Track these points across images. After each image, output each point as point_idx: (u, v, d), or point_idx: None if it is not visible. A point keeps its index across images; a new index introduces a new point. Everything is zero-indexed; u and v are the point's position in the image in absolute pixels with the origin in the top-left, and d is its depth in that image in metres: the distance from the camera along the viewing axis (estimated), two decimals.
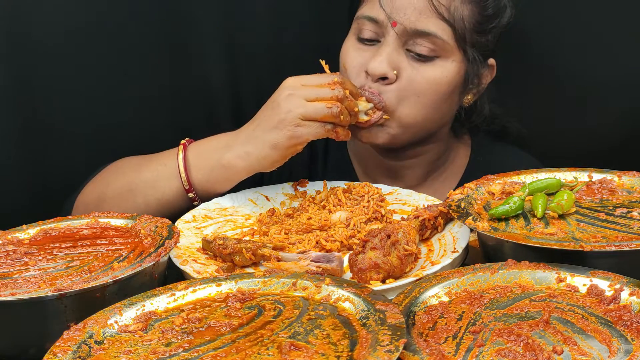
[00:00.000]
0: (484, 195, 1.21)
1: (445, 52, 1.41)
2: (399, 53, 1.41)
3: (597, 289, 0.92)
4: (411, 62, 1.41)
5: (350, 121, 1.35)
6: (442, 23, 1.39)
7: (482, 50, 1.47)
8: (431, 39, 1.40)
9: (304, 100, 1.29)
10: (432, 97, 1.43)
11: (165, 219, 1.18)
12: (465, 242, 1.15)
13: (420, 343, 0.83)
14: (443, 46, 1.41)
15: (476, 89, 1.52)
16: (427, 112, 1.44)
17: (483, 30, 1.45)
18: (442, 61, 1.42)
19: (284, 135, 1.29)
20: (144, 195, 1.37)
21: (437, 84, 1.42)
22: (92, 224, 1.20)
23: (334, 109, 1.29)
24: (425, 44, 1.40)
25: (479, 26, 1.44)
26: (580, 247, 0.97)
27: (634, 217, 1.08)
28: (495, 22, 1.47)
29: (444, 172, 1.61)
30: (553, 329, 0.84)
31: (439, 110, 1.46)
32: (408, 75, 1.41)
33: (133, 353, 0.83)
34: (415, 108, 1.43)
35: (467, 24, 1.42)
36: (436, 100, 1.44)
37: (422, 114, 1.44)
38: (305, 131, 1.29)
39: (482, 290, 0.95)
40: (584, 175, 1.24)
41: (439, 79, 1.42)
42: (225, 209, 1.36)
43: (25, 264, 1.07)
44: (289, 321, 0.88)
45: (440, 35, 1.40)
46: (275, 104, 1.31)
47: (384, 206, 1.33)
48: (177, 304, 0.94)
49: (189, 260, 1.15)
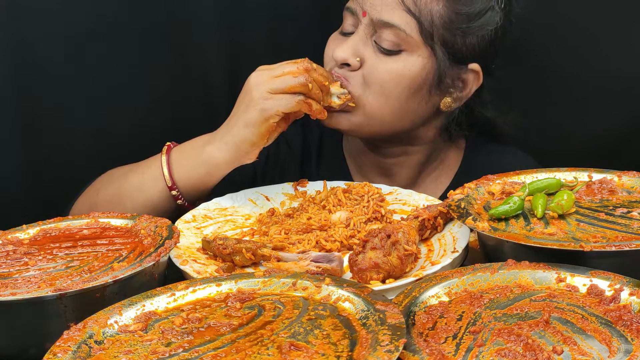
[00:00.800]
0: (484, 195, 1.21)
1: (410, 47, 1.41)
2: (366, 43, 1.43)
3: (597, 289, 0.92)
4: (377, 54, 1.42)
5: (323, 101, 1.36)
6: (408, 16, 1.40)
7: (457, 51, 1.44)
8: (395, 30, 1.40)
9: (271, 77, 1.31)
10: (395, 89, 1.43)
11: (165, 219, 1.18)
12: (465, 242, 1.15)
13: (420, 343, 0.83)
14: (407, 40, 1.40)
15: (457, 93, 1.49)
16: (393, 105, 1.44)
17: (456, 29, 1.43)
18: (407, 55, 1.42)
19: (255, 111, 1.31)
20: (131, 199, 1.39)
21: (399, 76, 1.42)
22: (92, 224, 1.20)
23: (300, 78, 1.30)
24: (390, 36, 1.41)
25: (450, 24, 1.42)
26: (580, 247, 0.97)
27: (634, 217, 1.08)
28: (473, 23, 1.43)
29: (435, 171, 1.61)
30: (553, 329, 0.84)
31: (405, 105, 1.45)
32: (371, 64, 1.42)
33: (133, 353, 0.83)
34: (379, 98, 1.43)
35: (437, 20, 1.41)
36: (400, 93, 1.43)
37: (386, 106, 1.44)
38: (275, 103, 1.30)
39: (482, 290, 0.95)
40: (584, 175, 1.24)
41: (401, 72, 1.42)
42: (225, 209, 1.36)
43: (25, 264, 1.07)
44: (289, 321, 0.88)
45: (404, 28, 1.40)
46: (244, 90, 1.34)
47: (384, 206, 1.33)
48: (177, 304, 0.94)
49: (188, 260, 1.15)
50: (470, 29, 1.44)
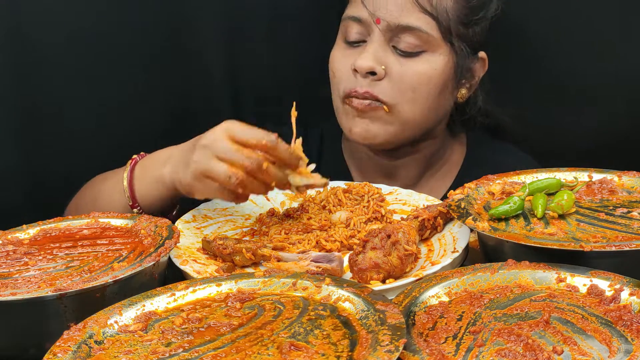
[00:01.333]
0: (484, 195, 1.20)
1: (432, 46, 1.42)
2: (385, 50, 1.42)
3: (597, 289, 0.92)
4: (398, 58, 1.42)
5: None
6: (426, 16, 1.39)
7: (470, 42, 1.46)
8: (416, 33, 1.40)
9: (214, 158, 1.19)
10: (426, 91, 1.43)
11: (166, 219, 1.18)
12: (465, 242, 1.15)
13: (420, 343, 0.83)
14: (428, 40, 1.41)
15: (469, 83, 1.52)
16: (423, 107, 1.44)
17: (469, 21, 1.44)
18: (429, 55, 1.42)
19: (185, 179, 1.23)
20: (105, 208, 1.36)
21: (429, 77, 1.42)
22: (92, 224, 1.20)
23: (232, 179, 1.17)
24: (410, 39, 1.40)
25: (464, 18, 1.43)
26: (580, 247, 0.97)
27: (634, 217, 1.08)
28: (481, 13, 1.46)
29: (440, 169, 1.61)
30: (553, 329, 0.84)
31: (435, 104, 1.46)
32: (397, 70, 1.41)
33: (133, 353, 0.83)
34: (413, 103, 1.43)
35: (452, 16, 1.42)
36: (431, 94, 1.44)
37: (419, 110, 1.44)
38: (201, 187, 1.22)
39: (482, 290, 0.95)
40: (584, 175, 1.24)
41: (429, 73, 1.42)
42: (225, 209, 1.36)
43: (25, 264, 1.07)
44: (289, 321, 0.88)
45: (425, 29, 1.40)
46: (199, 142, 1.22)
47: (384, 206, 1.33)
48: (177, 304, 0.94)
49: (189, 260, 1.15)
50: (480, 19, 1.46)
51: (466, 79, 1.50)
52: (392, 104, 1.42)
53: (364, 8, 1.42)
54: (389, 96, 1.42)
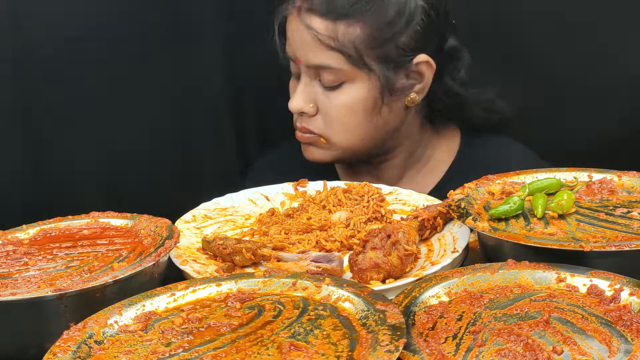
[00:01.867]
0: (484, 195, 1.20)
1: (348, 77, 1.48)
2: (313, 86, 1.50)
3: (597, 289, 0.92)
4: (324, 92, 1.50)
5: None
6: (334, 53, 1.45)
7: (394, 57, 1.47)
8: (328, 70, 1.47)
9: None
10: (354, 120, 1.50)
11: (166, 219, 1.18)
12: (465, 242, 1.15)
13: (420, 343, 0.83)
14: (343, 73, 1.47)
15: (418, 86, 1.52)
16: (357, 133, 1.52)
17: (382, 43, 1.45)
18: (349, 85, 1.48)
19: None
20: None
21: (352, 108, 1.49)
22: (92, 224, 1.20)
23: None
24: (327, 75, 1.47)
25: (374, 42, 1.45)
26: (580, 247, 0.97)
27: (634, 217, 1.08)
28: (397, 26, 1.45)
29: (424, 166, 1.64)
30: (553, 329, 0.84)
31: (369, 126, 1.52)
32: (325, 105, 1.50)
33: (133, 353, 0.83)
34: (344, 133, 1.51)
35: (360, 45, 1.45)
36: (360, 121, 1.51)
37: (354, 136, 1.52)
38: None
39: (482, 290, 0.95)
40: (584, 175, 1.24)
41: (350, 103, 1.49)
42: (225, 209, 1.36)
43: (25, 264, 1.07)
44: (289, 321, 0.88)
45: (335, 65, 1.46)
46: None
47: (384, 206, 1.33)
48: (177, 304, 0.94)
49: (188, 260, 1.14)
50: (397, 32, 1.46)
51: (405, 87, 1.51)
52: (327, 137, 1.51)
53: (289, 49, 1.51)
54: (322, 130, 1.51)
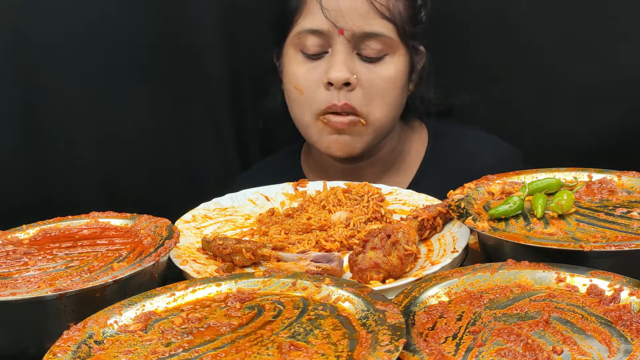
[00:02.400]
0: (484, 195, 1.21)
1: (392, 49, 1.48)
2: (352, 58, 1.47)
3: (596, 289, 0.92)
4: (365, 65, 1.47)
5: None
6: (386, 22, 1.46)
7: (417, 39, 1.54)
8: (379, 38, 1.46)
9: None
10: (393, 94, 1.50)
11: (165, 219, 1.18)
12: (465, 242, 1.15)
13: (420, 343, 0.83)
14: (390, 43, 1.47)
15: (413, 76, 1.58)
16: (392, 110, 1.51)
17: (417, 20, 1.52)
18: (391, 58, 1.48)
19: None
20: None
21: (394, 80, 1.49)
22: (92, 224, 1.20)
23: None
24: (375, 44, 1.46)
25: (413, 18, 1.51)
26: (580, 247, 0.97)
27: (633, 217, 1.08)
28: (424, 11, 1.54)
29: (402, 163, 1.64)
30: (553, 328, 0.84)
31: (400, 104, 1.54)
32: (367, 78, 1.47)
33: (133, 353, 0.83)
34: (383, 109, 1.49)
35: (405, 18, 1.49)
36: (397, 97, 1.51)
37: (388, 113, 1.51)
38: None
39: (481, 290, 0.95)
40: (584, 175, 1.24)
41: (394, 76, 1.49)
42: (225, 209, 1.36)
43: (25, 264, 1.07)
44: (289, 321, 0.88)
45: (387, 34, 1.46)
46: None
47: (384, 206, 1.33)
48: (177, 304, 0.94)
49: (188, 260, 1.14)
50: (423, 16, 1.54)
51: (415, 74, 1.57)
52: (366, 113, 1.48)
53: (324, 20, 1.45)
54: (362, 105, 1.47)
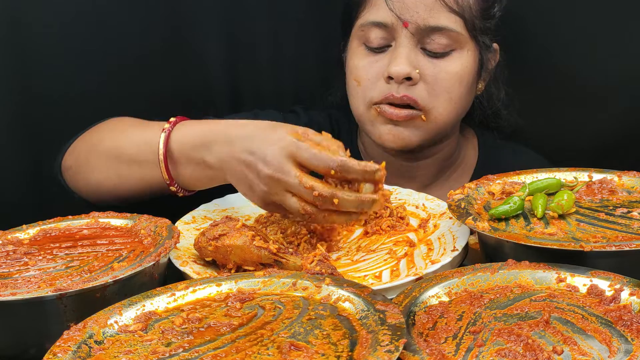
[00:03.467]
0: (484, 195, 1.21)
1: (460, 44, 1.42)
2: (416, 53, 1.41)
3: (597, 289, 0.92)
4: (430, 60, 1.41)
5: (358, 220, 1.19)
6: (453, 15, 1.40)
7: (489, 35, 1.48)
8: (446, 33, 1.40)
9: (284, 191, 1.14)
10: (459, 91, 1.44)
11: (165, 219, 1.18)
12: (465, 240, 1.15)
13: (420, 343, 0.83)
14: (457, 38, 1.41)
15: (486, 75, 1.53)
16: (456, 107, 1.45)
17: (488, 15, 1.46)
18: (458, 53, 1.43)
19: (254, 201, 1.21)
20: (127, 170, 1.32)
21: (461, 77, 1.43)
22: (92, 224, 1.20)
23: (304, 216, 1.14)
24: (440, 39, 1.40)
25: (484, 12, 1.45)
26: (580, 247, 0.97)
27: (634, 217, 1.08)
28: (498, 5, 1.49)
29: (456, 170, 1.60)
30: (553, 329, 0.84)
31: (466, 103, 1.49)
32: (431, 73, 1.41)
33: (133, 353, 0.83)
34: (448, 105, 1.43)
35: (475, 12, 1.43)
36: (463, 94, 1.45)
37: (454, 110, 1.45)
38: (276, 211, 1.21)
39: (482, 290, 0.95)
40: (584, 175, 1.24)
41: (461, 72, 1.43)
42: (225, 210, 1.36)
43: (25, 264, 1.07)
44: (289, 321, 0.88)
45: (454, 28, 1.40)
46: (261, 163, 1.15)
47: (390, 205, 1.33)
48: (177, 304, 0.94)
49: (188, 261, 1.14)
50: (497, 11, 1.48)
51: (485, 72, 1.52)
52: (428, 108, 1.42)
53: (388, 12, 1.40)
54: (425, 100, 1.41)
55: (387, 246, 1.23)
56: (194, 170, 1.26)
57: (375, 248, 1.23)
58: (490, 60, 1.53)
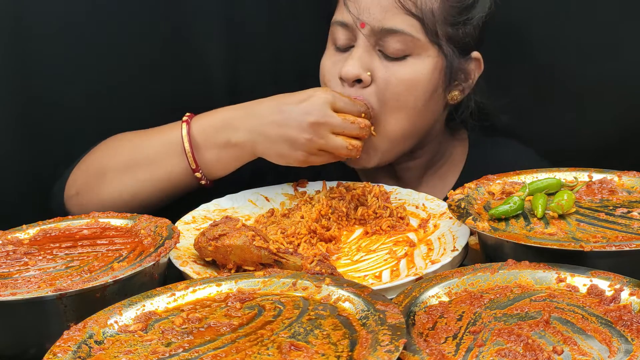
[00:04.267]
0: (484, 195, 1.21)
1: (417, 49, 1.37)
2: (371, 54, 1.38)
3: (597, 289, 0.92)
4: (384, 63, 1.37)
5: None
6: (410, 19, 1.35)
7: (460, 43, 1.42)
8: (400, 36, 1.35)
9: (330, 134, 1.30)
10: (412, 99, 1.38)
11: (165, 219, 1.18)
12: (465, 240, 1.15)
13: (420, 343, 0.83)
14: (414, 43, 1.36)
15: (462, 84, 1.47)
16: (410, 115, 1.40)
17: (457, 22, 1.39)
18: (415, 59, 1.37)
19: (295, 157, 1.31)
20: (147, 172, 1.37)
21: (414, 83, 1.37)
22: (92, 224, 1.20)
23: (352, 152, 1.32)
24: (395, 43, 1.36)
25: (451, 19, 1.39)
26: (580, 247, 0.97)
27: (634, 217, 1.08)
28: (470, 13, 1.41)
29: (441, 168, 1.60)
30: (553, 329, 0.84)
31: (423, 111, 1.42)
32: (382, 76, 1.37)
33: (133, 353, 0.83)
34: (398, 113, 1.38)
35: (438, 18, 1.37)
36: (417, 101, 1.39)
37: (406, 118, 1.40)
38: (318, 160, 1.33)
39: (482, 290, 0.95)
40: (584, 175, 1.24)
41: (415, 78, 1.37)
42: (225, 210, 1.36)
43: (25, 264, 1.07)
44: (289, 321, 0.88)
45: (409, 32, 1.35)
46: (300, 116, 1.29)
47: (389, 204, 1.33)
48: (177, 304, 0.94)
49: (188, 261, 1.15)
50: (469, 19, 1.41)
51: (459, 81, 1.46)
52: (377, 118, 1.38)
53: (349, 13, 1.38)
54: (375, 105, 1.38)
55: (387, 246, 1.23)
56: (219, 153, 1.35)
57: (375, 248, 1.23)
58: (470, 70, 1.46)
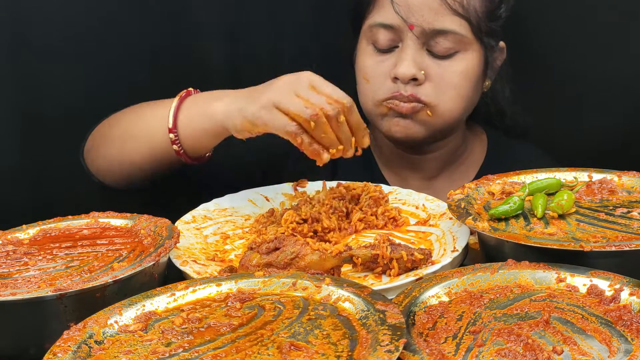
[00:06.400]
0: (484, 195, 1.21)
1: (464, 45, 1.45)
2: (421, 54, 1.44)
3: (597, 289, 0.92)
4: (435, 61, 1.45)
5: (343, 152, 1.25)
6: (458, 19, 1.43)
7: (495, 35, 1.51)
8: (450, 36, 1.43)
9: (292, 93, 1.22)
10: (465, 87, 1.47)
11: (165, 219, 1.18)
12: (465, 241, 1.15)
13: (420, 343, 0.83)
14: (462, 41, 1.44)
15: (490, 73, 1.55)
16: (463, 103, 1.49)
17: (494, 17, 1.49)
18: (462, 54, 1.46)
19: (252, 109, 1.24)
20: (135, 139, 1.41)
21: (466, 75, 1.47)
22: (92, 224, 1.20)
23: (306, 111, 1.19)
24: (445, 42, 1.43)
25: (490, 14, 1.48)
26: (580, 247, 0.97)
27: (634, 217, 1.08)
28: (504, 7, 1.51)
29: (463, 164, 1.63)
30: (553, 329, 0.84)
31: (472, 100, 1.52)
32: (436, 73, 1.45)
33: (133, 353, 0.83)
34: (455, 99, 1.47)
35: (480, 14, 1.46)
36: (469, 90, 1.49)
37: (460, 106, 1.49)
38: (267, 117, 1.22)
39: (482, 290, 0.95)
40: (584, 175, 1.24)
41: (466, 71, 1.46)
42: (225, 209, 1.36)
43: (25, 264, 1.07)
44: (289, 321, 0.88)
45: (459, 31, 1.43)
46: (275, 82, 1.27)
47: (384, 206, 1.33)
48: (177, 304, 0.94)
49: (188, 261, 1.15)
50: (503, 12, 1.50)
51: (491, 70, 1.55)
52: (434, 105, 1.45)
53: (395, 15, 1.43)
54: (431, 98, 1.45)
55: None
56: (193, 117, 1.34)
57: None
58: (497, 59, 1.55)
